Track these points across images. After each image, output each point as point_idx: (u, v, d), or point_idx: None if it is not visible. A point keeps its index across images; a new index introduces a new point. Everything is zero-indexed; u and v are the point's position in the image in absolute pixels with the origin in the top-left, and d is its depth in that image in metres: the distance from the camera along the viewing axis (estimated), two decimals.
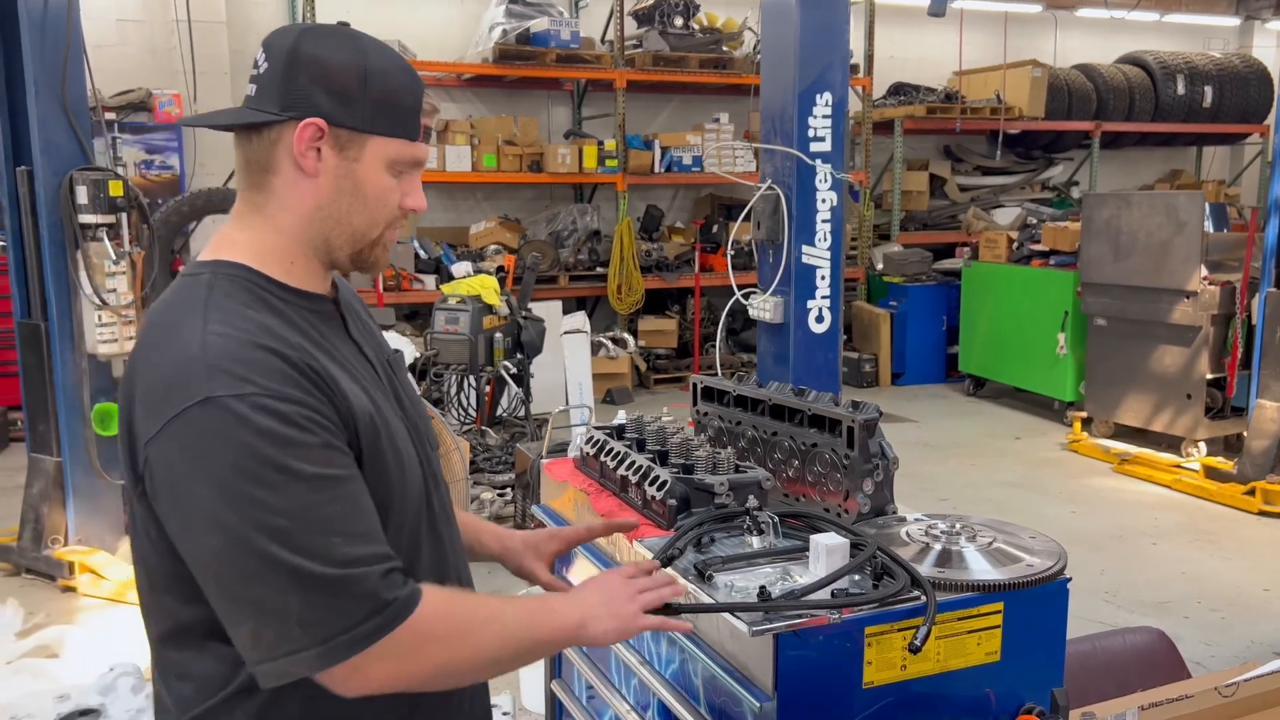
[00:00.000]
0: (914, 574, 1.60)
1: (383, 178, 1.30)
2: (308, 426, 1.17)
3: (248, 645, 1.17)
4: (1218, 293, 6.46)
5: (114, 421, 4.67)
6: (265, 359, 1.18)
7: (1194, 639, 4.17)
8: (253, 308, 1.24)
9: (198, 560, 1.17)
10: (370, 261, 1.36)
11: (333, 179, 1.28)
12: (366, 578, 1.16)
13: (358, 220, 1.31)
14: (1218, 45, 12.19)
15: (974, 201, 10.37)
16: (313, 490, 1.15)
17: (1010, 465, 6.74)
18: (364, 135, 1.28)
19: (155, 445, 1.15)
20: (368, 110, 1.27)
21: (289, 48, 1.26)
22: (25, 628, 4.15)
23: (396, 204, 1.33)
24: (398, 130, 1.30)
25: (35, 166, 4.52)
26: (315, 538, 1.14)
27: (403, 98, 1.30)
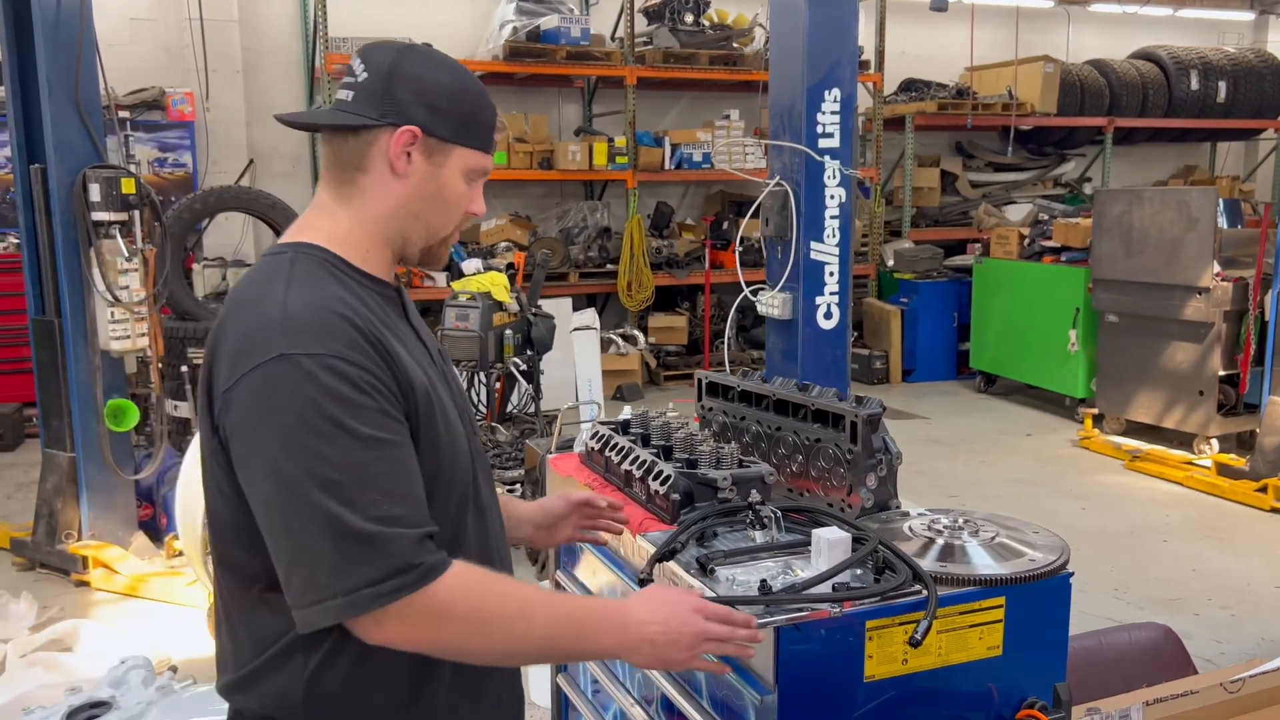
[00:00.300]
0: (915, 568, 1.61)
1: (460, 183, 1.46)
2: (367, 390, 1.27)
3: (287, 590, 1.26)
4: (1230, 289, 6.42)
5: (126, 417, 4.72)
6: (338, 325, 1.29)
7: (1205, 636, 4.16)
8: (329, 283, 1.36)
9: (256, 505, 1.28)
10: (436, 257, 1.51)
11: (419, 181, 1.43)
12: (400, 538, 1.25)
13: (435, 219, 1.46)
14: (1232, 40, 12.10)
15: (985, 198, 10.33)
16: (365, 449, 1.25)
17: (1021, 462, 6.72)
18: (450, 145, 1.44)
19: (232, 393, 1.27)
20: (456, 123, 1.43)
21: (389, 63, 1.41)
22: (39, 621, 4.18)
23: (465, 206, 1.49)
24: (477, 142, 1.46)
25: (49, 164, 4.55)
26: (360, 492, 1.23)
27: (482, 115, 1.47)
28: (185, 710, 2.53)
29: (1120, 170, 11.40)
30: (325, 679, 1.34)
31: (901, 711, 1.61)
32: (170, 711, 2.52)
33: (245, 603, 1.37)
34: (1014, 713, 1.69)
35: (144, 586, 4.53)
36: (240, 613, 1.38)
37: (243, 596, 1.37)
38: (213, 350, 1.34)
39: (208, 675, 3.64)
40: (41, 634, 3.95)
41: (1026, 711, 1.68)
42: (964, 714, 1.67)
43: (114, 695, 2.61)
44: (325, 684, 1.34)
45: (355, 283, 1.40)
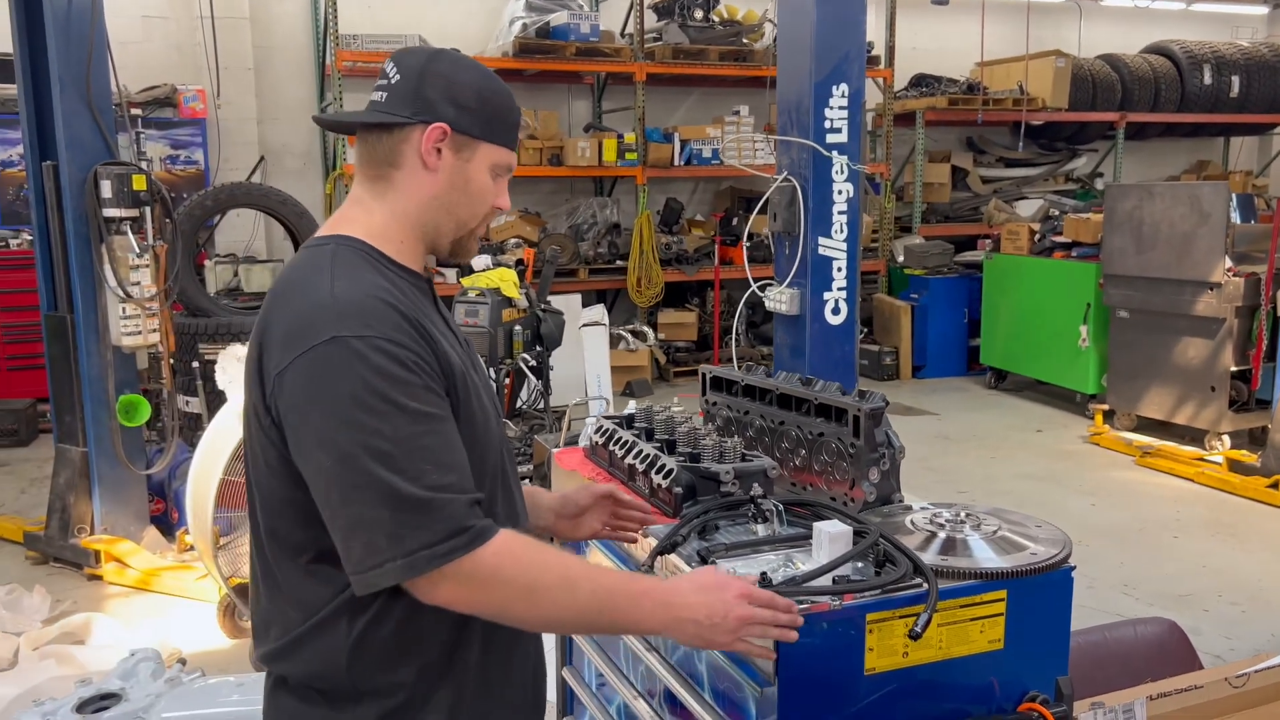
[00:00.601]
0: (916, 561, 1.61)
1: (486, 177, 1.54)
2: (414, 369, 1.36)
3: (346, 557, 1.33)
4: (1242, 284, 6.38)
5: (138, 413, 4.76)
6: (383, 310, 1.37)
7: (1214, 632, 4.15)
8: (369, 272, 1.45)
9: (312, 478, 1.35)
10: (465, 249, 1.59)
11: (449, 175, 1.51)
12: (453, 503, 1.33)
13: (463, 212, 1.54)
14: (1245, 34, 12.02)
15: (996, 193, 10.29)
16: (414, 422, 1.33)
17: (1031, 458, 6.70)
18: (477, 141, 1.51)
19: (285, 375, 1.35)
20: (483, 121, 1.51)
21: (421, 65, 1.50)
22: (52, 615, 4.22)
23: (493, 200, 1.56)
24: (502, 139, 1.54)
25: (60, 161, 4.58)
26: (412, 462, 1.31)
27: (507, 114, 1.55)
28: (193, 702, 2.55)
29: (1132, 165, 11.34)
30: (367, 644, 1.41)
31: (902, 704, 1.61)
32: (178, 703, 2.54)
33: (292, 573, 1.44)
34: (1015, 706, 1.69)
35: (156, 580, 4.56)
36: (286, 582, 1.45)
37: (290, 567, 1.44)
38: (261, 336, 1.42)
39: (217, 668, 3.67)
40: (54, 627, 3.98)
41: (1028, 705, 1.68)
42: (965, 707, 1.67)
43: (123, 687, 2.63)
44: (367, 648, 1.41)
45: (392, 273, 1.48)
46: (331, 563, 1.38)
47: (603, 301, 8.96)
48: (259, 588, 1.51)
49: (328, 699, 1.44)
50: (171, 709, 2.50)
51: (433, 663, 1.45)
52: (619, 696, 2.10)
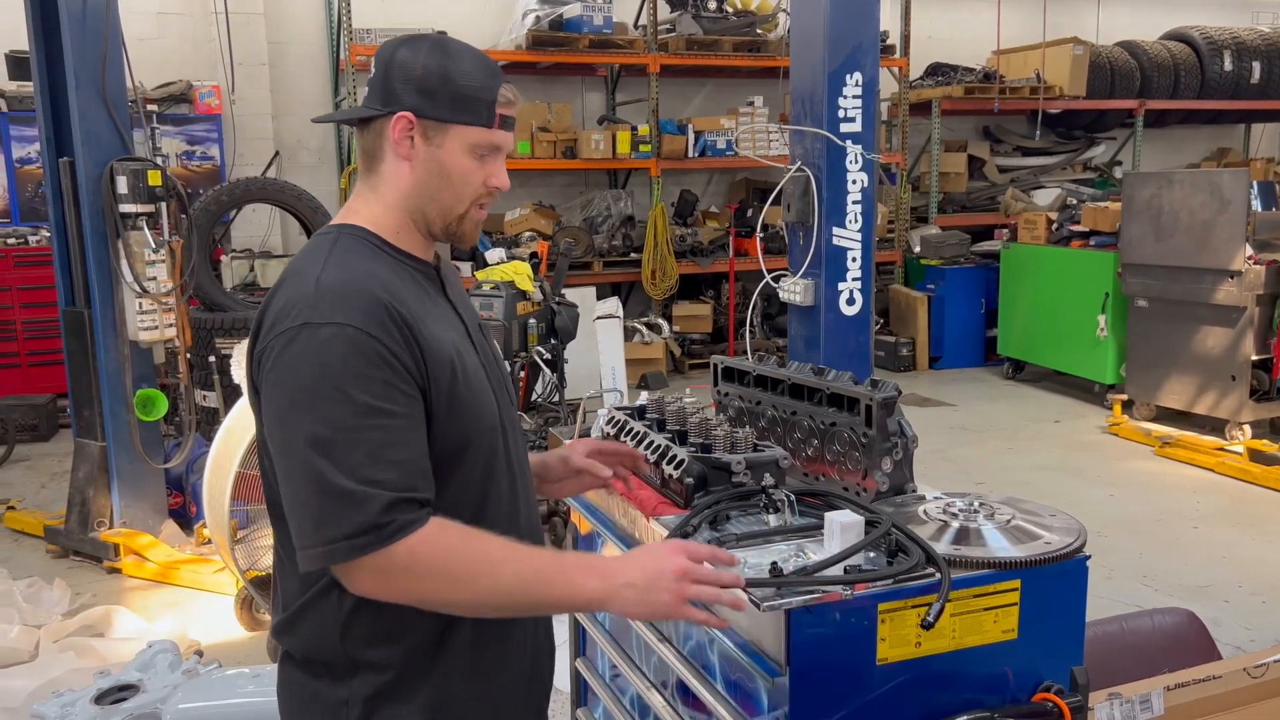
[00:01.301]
0: (928, 550, 1.60)
1: (464, 160, 1.51)
2: (376, 363, 1.37)
3: (291, 533, 1.39)
4: (1263, 272, 6.32)
5: (155, 407, 4.79)
6: (362, 299, 1.39)
7: (1235, 624, 4.11)
8: (367, 259, 1.48)
9: (273, 454, 1.41)
10: (460, 234, 1.57)
11: (424, 163, 1.51)
12: (374, 498, 1.33)
13: (445, 197, 1.53)
14: (1266, 19, 11.87)
15: (1013, 183, 10.21)
16: (360, 415, 1.34)
17: (1049, 448, 6.65)
18: (446, 125, 1.49)
19: (263, 355, 1.41)
20: (448, 104, 1.49)
21: (388, 55, 1.51)
22: (72, 607, 4.26)
23: (480, 183, 1.54)
24: (475, 119, 1.50)
25: (77, 158, 4.61)
26: (347, 454, 1.33)
27: (479, 92, 1.50)
28: (210, 693, 2.57)
29: (1151, 153, 11.23)
30: (357, 619, 1.44)
31: (915, 694, 1.60)
32: (195, 694, 2.56)
33: (290, 548, 1.47)
34: (1030, 696, 1.68)
35: (174, 573, 4.60)
36: (288, 558, 1.49)
37: (288, 542, 1.47)
38: (259, 320, 1.47)
39: (234, 659, 3.70)
40: (74, 619, 4.02)
41: (1042, 695, 1.67)
42: (979, 697, 1.66)
43: (141, 678, 2.65)
44: (357, 623, 1.45)
45: (394, 259, 1.51)
46: None
47: (617, 294, 8.95)
48: (276, 565, 1.58)
49: (329, 671, 1.48)
50: (188, 700, 2.52)
51: (422, 642, 1.47)
52: (632, 687, 2.10)
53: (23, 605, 4.07)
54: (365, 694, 1.46)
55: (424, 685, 1.48)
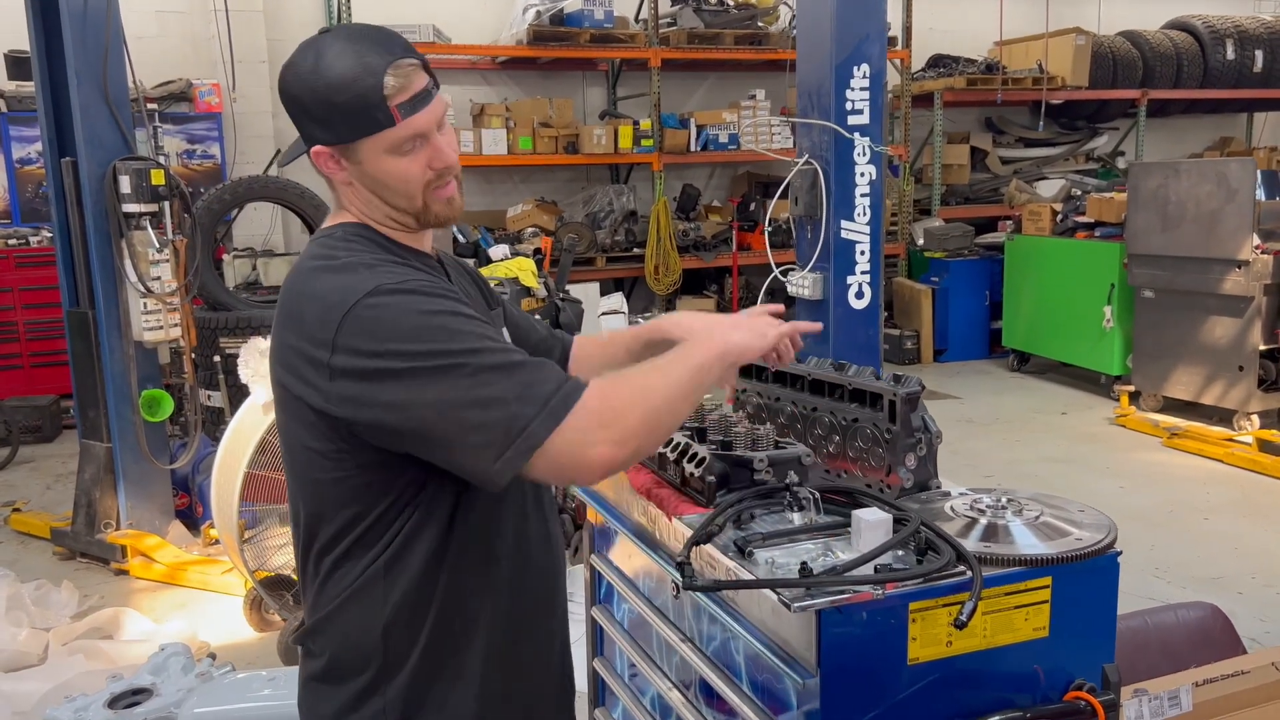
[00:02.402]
0: (959, 549, 1.57)
1: (390, 164, 1.46)
2: (433, 292, 1.40)
3: (480, 453, 1.33)
4: (1270, 261, 6.29)
5: (161, 408, 4.76)
6: (388, 267, 1.43)
7: (1248, 615, 4.09)
8: (373, 246, 1.51)
9: (417, 419, 1.34)
10: (432, 219, 1.54)
11: (360, 179, 1.49)
12: (544, 363, 1.38)
13: (395, 199, 1.50)
14: (1269, 8, 11.83)
15: (1016, 174, 10.18)
16: (467, 321, 1.38)
17: (1056, 441, 6.64)
18: (352, 144, 1.45)
19: (337, 352, 1.35)
20: (342, 124, 1.43)
21: (282, 87, 1.48)
22: (80, 610, 4.24)
23: (419, 173, 1.48)
24: (373, 126, 1.43)
25: (79, 158, 4.58)
26: (492, 343, 1.37)
27: (364, 98, 1.41)
28: (224, 696, 2.55)
29: (1154, 143, 11.19)
30: (402, 613, 1.47)
31: (946, 694, 1.58)
32: (210, 698, 2.54)
33: (319, 551, 1.49)
34: (1061, 695, 1.66)
35: (182, 574, 4.58)
36: (315, 561, 1.51)
37: (315, 545, 1.50)
38: (285, 316, 1.45)
39: (245, 661, 3.68)
40: (82, 622, 4.00)
41: (1074, 694, 1.65)
42: (1010, 696, 1.63)
43: (154, 682, 2.63)
44: (402, 618, 1.47)
45: (394, 249, 1.53)
46: (359, 541, 1.45)
47: (621, 290, 8.93)
48: (306, 571, 1.57)
49: (362, 672, 1.48)
50: (204, 704, 2.50)
51: (451, 636, 1.50)
52: (652, 688, 2.08)
53: (31, 608, 4.05)
54: (403, 694, 1.47)
55: (455, 680, 1.50)
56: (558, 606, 1.73)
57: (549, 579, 1.69)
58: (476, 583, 1.53)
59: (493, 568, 1.56)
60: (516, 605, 1.59)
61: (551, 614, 1.69)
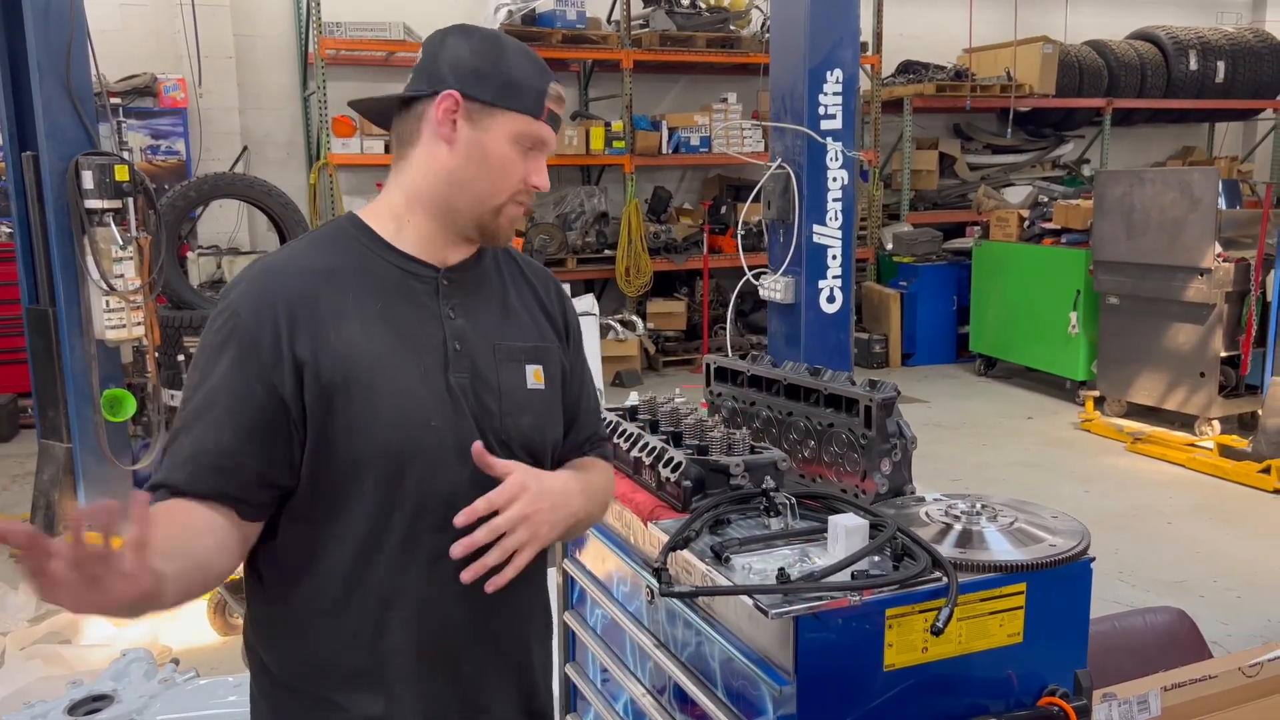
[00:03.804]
0: (935, 555, 1.57)
1: (507, 149, 1.44)
2: (231, 342, 1.36)
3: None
4: (1232, 270, 6.39)
5: (123, 407, 4.68)
6: (264, 282, 1.39)
7: (1210, 618, 4.14)
8: (320, 248, 1.45)
9: None
10: (493, 230, 1.48)
11: (465, 147, 1.43)
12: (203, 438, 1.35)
13: (481, 186, 1.44)
14: (1231, 19, 12.04)
15: (984, 180, 10.28)
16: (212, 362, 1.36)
17: (1023, 445, 6.70)
18: (492, 109, 1.42)
19: None
20: (498, 88, 1.43)
21: (439, 39, 1.47)
22: (38, 614, 4.15)
23: (520, 177, 1.46)
24: (522, 106, 1.44)
25: (40, 152, 4.48)
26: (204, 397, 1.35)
27: (529, 81, 1.45)
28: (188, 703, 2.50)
29: (1119, 152, 11.35)
30: (258, 624, 1.48)
31: (921, 700, 1.58)
32: (173, 704, 2.49)
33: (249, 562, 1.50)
34: (1035, 700, 1.66)
35: None
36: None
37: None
38: None
39: (209, 666, 3.62)
40: (41, 626, 3.92)
41: (1047, 699, 1.65)
42: (984, 702, 1.64)
43: (115, 688, 2.58)
44: (259, 628, 1.48)
45: (370, 253, 1.44)
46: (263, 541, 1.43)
47: (591, 291, 8.90)
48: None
49: (265, 687, 1.49)
50: (167, 711, 2.45)
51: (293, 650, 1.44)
52: (625, 693, 2.06)
53: None
54: (264, 694, 1.47)
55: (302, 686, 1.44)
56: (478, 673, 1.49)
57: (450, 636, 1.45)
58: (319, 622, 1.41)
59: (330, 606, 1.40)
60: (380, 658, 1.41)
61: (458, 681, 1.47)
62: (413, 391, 1.39)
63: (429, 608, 1.41)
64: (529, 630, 1.55)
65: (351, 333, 1.37)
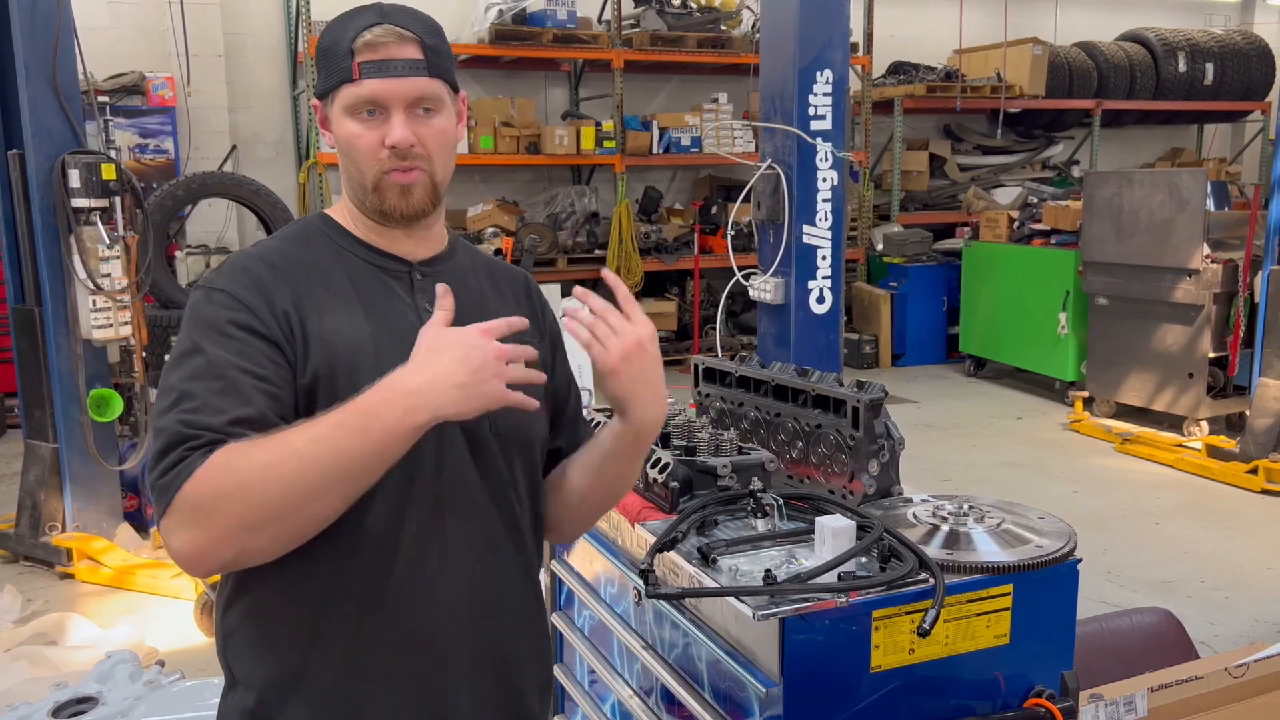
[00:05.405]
0: (922, 556, 1.57)
1: (348, 126, 1.37)
2: (235, 311, 1.31)
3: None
4: (1220, 271, 6.42)
5: (110, 407, 4.65)
6: (248, 269, 1.36)
7: (1198, 618, 4.15)
8: (294, 240, 1.43)
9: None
10: (384, 209, 1.39)
11: (336, 146, 1.41)
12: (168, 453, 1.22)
13: (351, 171, 1.40)
14: (1219, 21, 12.09)
15: (974, 181, 10.30)
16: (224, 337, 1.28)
17: (1012, 445, 6.71)
18: (329, 98, 1.39)
19: None
20: (323, 76, 1.39)
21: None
22: (23, 615, 4.12)
23: (371, 145, 1.36)
24: (337, 80, 1.37)
25: (27, 150, 4.46)
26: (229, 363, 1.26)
27: (336, 46, 1.37)
28: (174, 705, 2.49)
29: (1108, 153, 11.39)
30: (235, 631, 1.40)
31: (908, 701, 1.58)
32: (159, 706, 2.47)
33: None
34: (1021, 701, 1.66)
35: (130, 578, 4.47)
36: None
37: None
38: None
39: (195, 667, 3.60)
40: (26, 627, 3.89)
41: (1034, 700, 1.65)
42: (971, 703, 1.64)
43: (100, 690, 2.56)
44: (236, 634, 1.40)
45: (340, 248, 1.42)
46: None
47: None
48: None
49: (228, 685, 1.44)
50: (152, 713, 2.43)
51: (285, 668, 1.34)
52: (612, 694, 2.06)
53: None
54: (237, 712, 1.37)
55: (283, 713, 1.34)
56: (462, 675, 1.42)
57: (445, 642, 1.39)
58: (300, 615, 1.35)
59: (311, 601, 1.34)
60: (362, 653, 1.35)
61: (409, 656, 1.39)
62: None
63: (411, 608, 1.35)
64: (515, 639, 1.47)
65: (334, 324, 1.34)
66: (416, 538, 1.35)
